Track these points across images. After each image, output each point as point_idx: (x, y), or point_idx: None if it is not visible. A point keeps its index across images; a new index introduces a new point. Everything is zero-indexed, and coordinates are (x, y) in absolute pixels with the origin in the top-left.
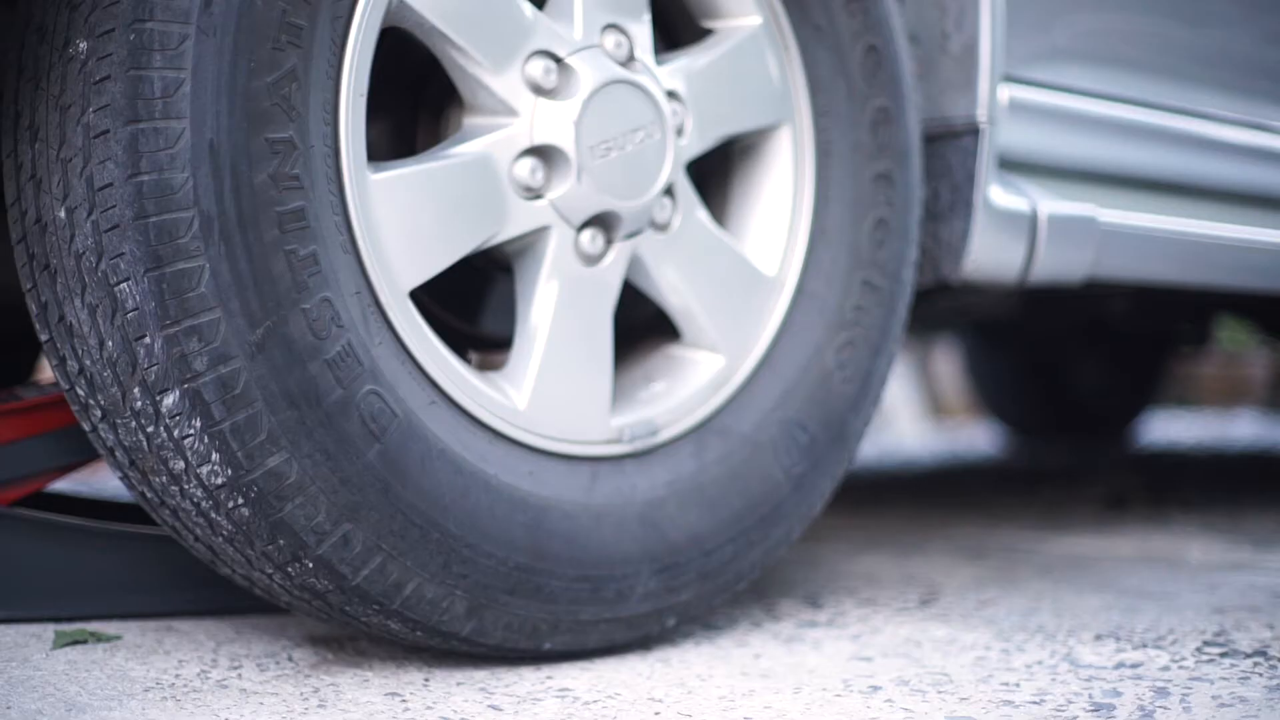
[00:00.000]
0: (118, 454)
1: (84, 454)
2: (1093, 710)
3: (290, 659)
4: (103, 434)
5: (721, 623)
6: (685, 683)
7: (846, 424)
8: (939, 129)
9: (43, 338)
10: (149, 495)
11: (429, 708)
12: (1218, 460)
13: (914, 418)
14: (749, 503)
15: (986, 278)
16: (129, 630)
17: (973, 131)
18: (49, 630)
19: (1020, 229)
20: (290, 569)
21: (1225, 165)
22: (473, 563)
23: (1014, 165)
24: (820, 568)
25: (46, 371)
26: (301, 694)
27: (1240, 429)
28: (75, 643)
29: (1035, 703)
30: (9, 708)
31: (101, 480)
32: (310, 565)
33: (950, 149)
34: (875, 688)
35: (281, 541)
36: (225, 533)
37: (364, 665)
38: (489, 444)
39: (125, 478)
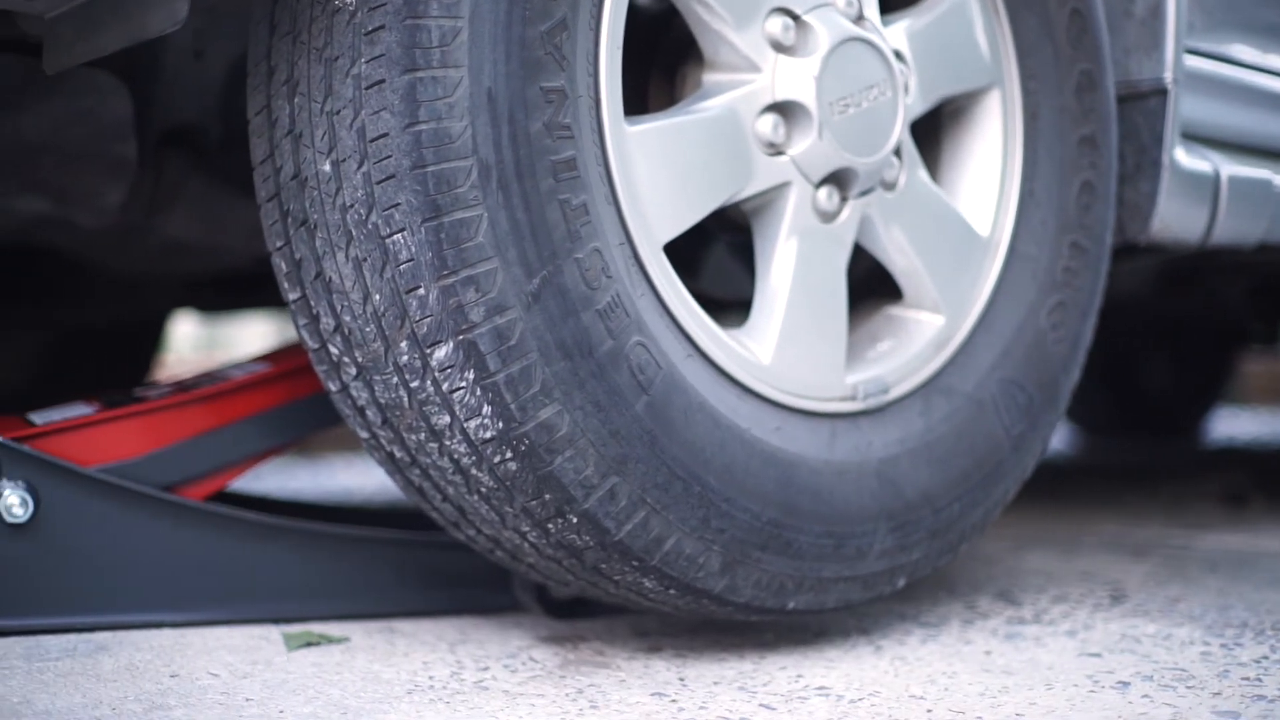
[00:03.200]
0: (369, 413)
1: (270, 443)
2: None
3: (533, 659)
4: (354, 392)
5: (933, 620)
6: (935, 680)
7: (1059, 385)
8: (1124, 91)
9: (292, 296)
10: (399, 455)
11: (702, 707)
12: None
13: None
14: (974, 461)
15: (1172, 238)
16: (352, 632)
17: (1159, 93)
18: (273, 632)
19: (1204, 191)
20: (551, 525)
21: None
22: (730, 517)
23: (1187, 133)
24: (996, 564)
25: (165, 372)
26: (567, 694)
27: None
28: (308, 645)
29: None
30: (282, 711)
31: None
32: (574, 520)
33: (1136, 111)
34: (1124, 684)
35: (547, 496)
36: (484, 489)
37: (611, 665)
38: (739, 399)
39: (372, 438)
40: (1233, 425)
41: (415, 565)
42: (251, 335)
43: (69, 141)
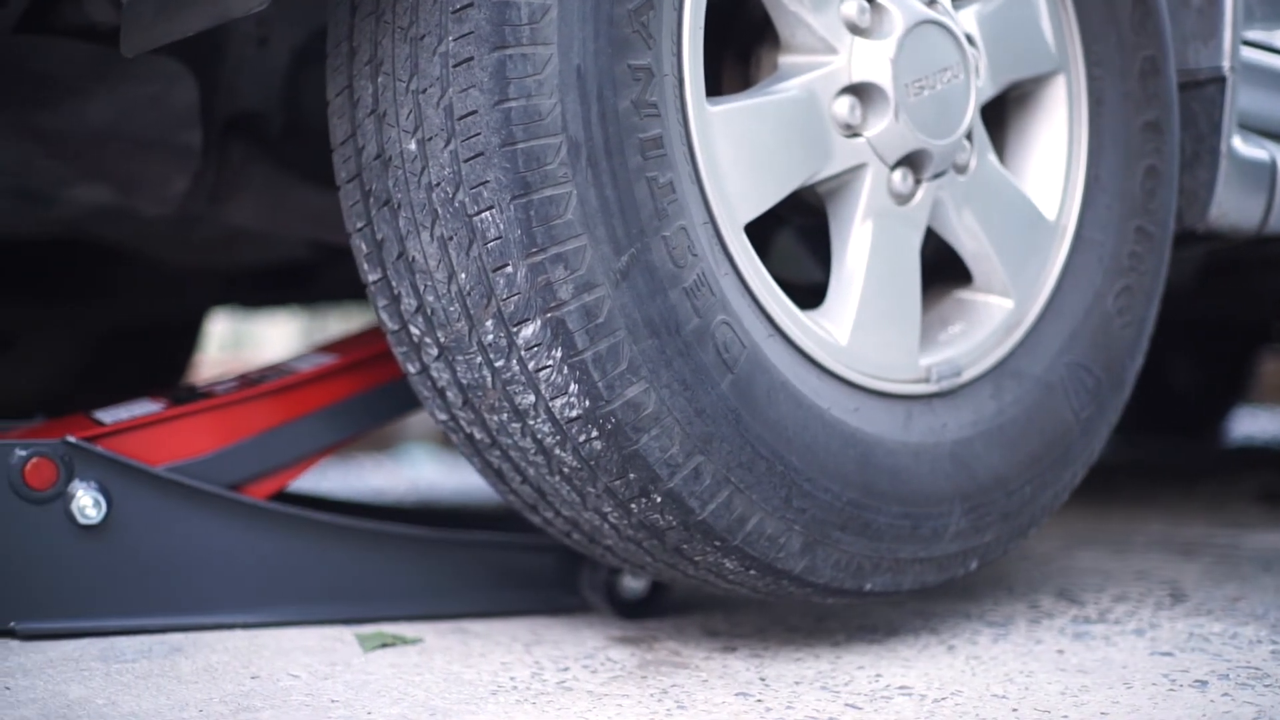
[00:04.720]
0: (449, 394)
1: (336, 438)
2: None
3: (611, 660)
4: (434, 374)
5: (999, 619)
6: (1013, 679)
7: (1125, 368)
8: (1182, 80)
9: (372, 277)
10: (479, 436)
11: (789, 707)
12: None
13: None
14: (1044, 444)
15: (1229, 226)
16: (424, 633)
17: (1217, 80)
18: (345, 634)
19: (1261, 178)
20: (634, 505)
21: None
22: (812, 497)
23: (1243, 124)
24: (1051, 564)
25: (197, 372)
26: (651, 695)
27: None
28: (384, 646)
29: None
30: (369, 712)
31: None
32: (658, 500)
33: (1194, 99)
34: (1201, 682)
35: (632, 475)
36: (566, 470)
37: (689, 665)
38: (819, 379)
39: (451, 420)
40: (1251, 425)
41: (483, 566)
42: (278, 334)
43: (135, 129)
